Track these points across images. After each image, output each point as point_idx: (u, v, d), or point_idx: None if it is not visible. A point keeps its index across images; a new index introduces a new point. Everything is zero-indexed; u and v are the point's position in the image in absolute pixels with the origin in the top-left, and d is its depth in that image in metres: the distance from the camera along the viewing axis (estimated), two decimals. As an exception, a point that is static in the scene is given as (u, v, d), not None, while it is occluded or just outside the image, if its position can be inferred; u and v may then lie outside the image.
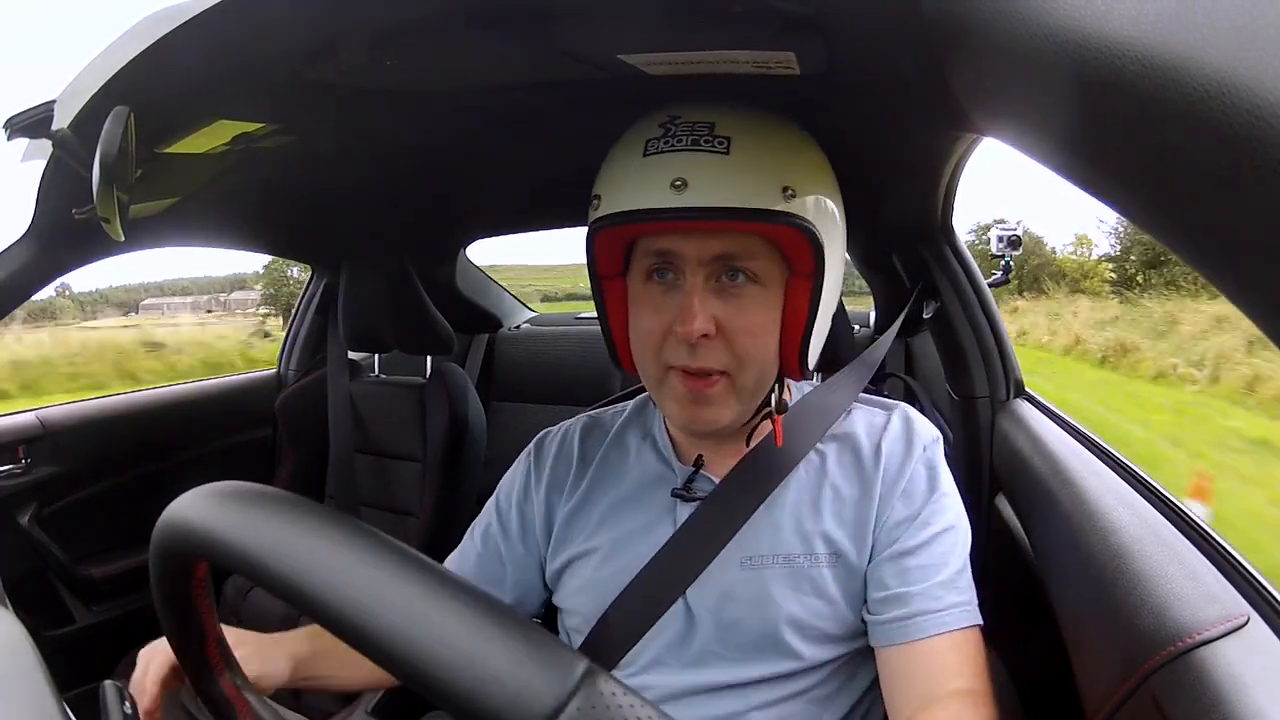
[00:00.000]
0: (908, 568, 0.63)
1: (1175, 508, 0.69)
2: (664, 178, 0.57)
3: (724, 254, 0.60)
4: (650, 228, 0.61)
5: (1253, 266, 0.21)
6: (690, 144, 0.58)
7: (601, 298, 0.68)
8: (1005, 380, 1.04)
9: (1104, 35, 0.23)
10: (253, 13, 0.52)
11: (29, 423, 1.37)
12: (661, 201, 0.57)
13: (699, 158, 0.57)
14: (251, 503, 0.33)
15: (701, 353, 0.61)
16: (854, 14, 0.49)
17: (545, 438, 0.80)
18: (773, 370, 0.64)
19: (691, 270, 0.60)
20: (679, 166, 0.57)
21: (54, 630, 1.37)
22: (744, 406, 0.64)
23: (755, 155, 0.58)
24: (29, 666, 0.51)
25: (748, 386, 0.63)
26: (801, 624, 0.64)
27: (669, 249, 0.61)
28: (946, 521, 0.65)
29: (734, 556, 0.66)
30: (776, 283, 0.62)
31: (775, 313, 0.62)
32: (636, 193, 0.59)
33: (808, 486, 0.68)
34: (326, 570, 0.30)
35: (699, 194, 0.56)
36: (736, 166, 0.57)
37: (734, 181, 0.57)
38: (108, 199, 0.61)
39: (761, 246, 0.61)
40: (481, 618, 0.28)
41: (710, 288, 0.61)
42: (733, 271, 0.61)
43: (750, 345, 0.61)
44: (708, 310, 0.60)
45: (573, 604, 0.72)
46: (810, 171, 0.61)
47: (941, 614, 0.61)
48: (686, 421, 0.65)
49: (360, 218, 1.42)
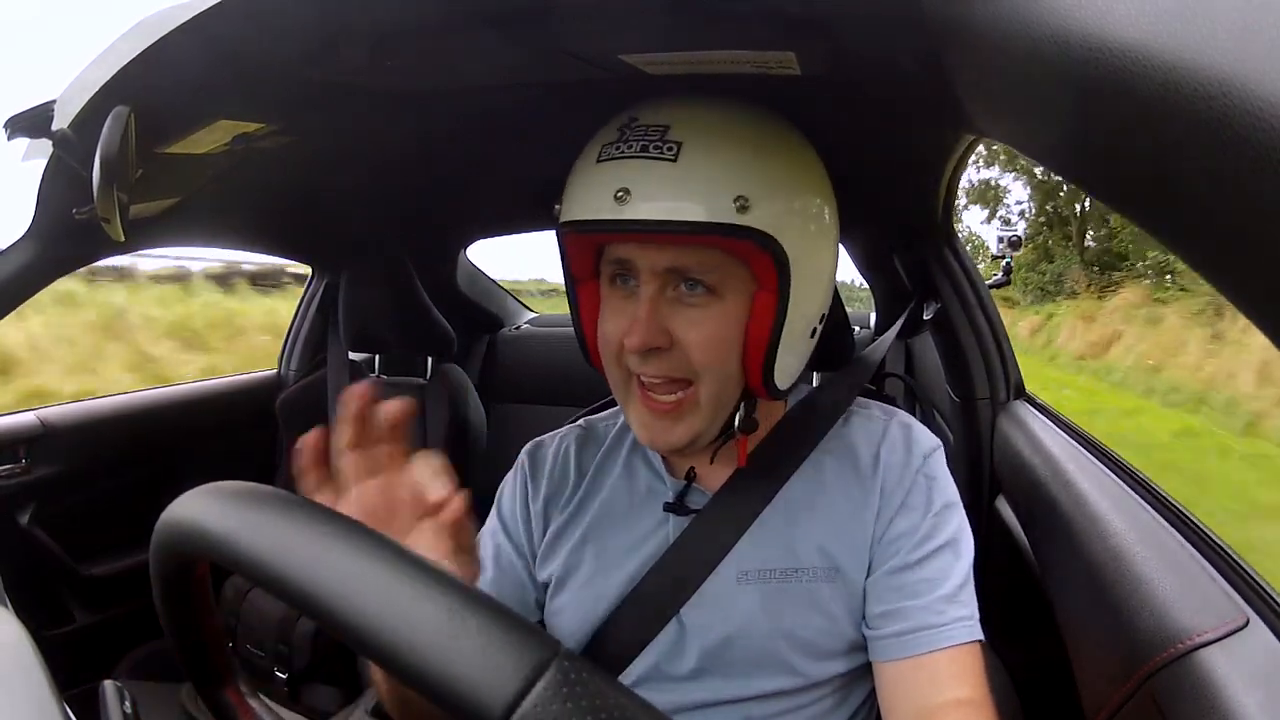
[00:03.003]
0: (907, 582, 0.61)
1: (1175, 510, 0.69)
2: (609, 188, 0.55)
3: (675, 267, 0.58)
4: (605, 236, 0.60)
5: (1253, 267, 0.21)
6: (639, 150, 0.56)
7: (575, 299, 0.67)
8: (1005, 382, 1.04)
9: (1104, 35, 0.23)
10: (253, 13, 0.52)
11: (29, 423, 1.37)
12: (604, 212, 0.56)
13: (645, 165, 0.55)
14: (251, 503, 0.33)
15: (654, 363, 0.59)
16: (855, 14, 0.49)
17: (538, 449, 0.77)
18: (734, 386, 0.61)
19: (645, 280, 0.58)
20: (625, 175, 0.55)
21: (54, 630, 1.37)
22: (708, 422, 0.61)
23: (705, 163, 0.55)
24: (29, 666, 0.51)
25: (710, 401, 0.60)
26: (801, 640, 0.63)
27: (625, 257, 0.59)
28: (947, 535, 0.63)
29: (729, 571, 0.64)
30: (740, 295, 0.59)
31: (736, 324, 0.59)
32: (585, 201, 0.58)
33: (804, 498, 0.66)
34: (327, 570, 0.30)
35: (642, 206, 0.54)
36: (684, 176, 0.54)
37: (679, 192, 0.54)
38: (108, 199, 0.61)
39: (720, 258, 0.58)
40: (451, 600, 0.28)
41: (666, 297, 0.59)
42: (690, 282, 0.58)
43: (705, 359, 0.59)
44: (659, 321, 0.58)
45: (562, 621, 0.69)
46: (775, 179, 0.57)
47: (943, 629, 0.60)
48: (648, 440, 0.62)
49: (361, 218, 1.42)
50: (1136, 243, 12.37)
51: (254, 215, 1.32)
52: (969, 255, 1.05)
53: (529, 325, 2.21)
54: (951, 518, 0.64)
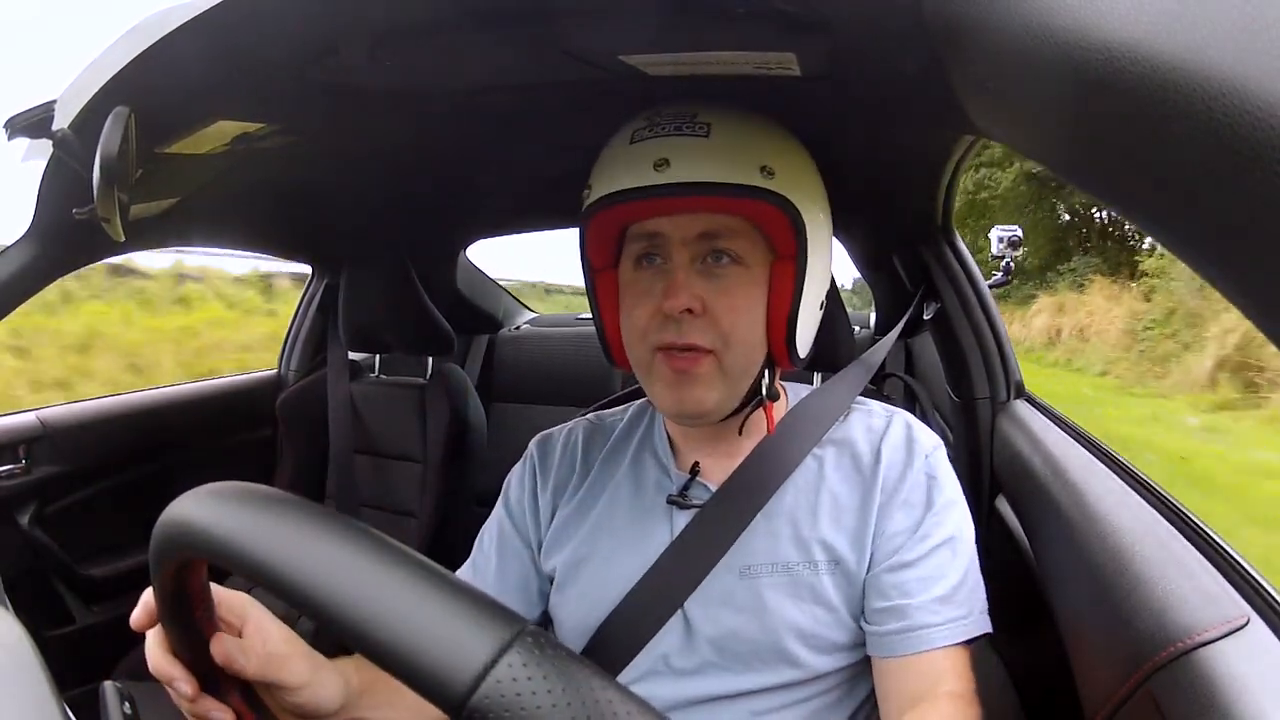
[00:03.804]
0: (906, 579, 0.62)
1: (1175, 509, 0.69)
2: (648, 159, 0.60)
3: (706, 232, 0.62)
4: (638, 209, 0.62)
5: (1253, 267, 0.21)
6: (673, 130, 0.61)
7: (594, 291, 0.70)
8: (1005, 381, 1.04)
9: (1104, 36, 0.23)
10: (254, 13, 0.52)
11: (29, 423, 1.37)
12: (647, 180, 0.60)
13: (681, 141, 0.60)
14: (250, 503, 0.33)
15: (686, 328, 0.62)
16: (855, 15, 0.49)
17: (547, 440, 0.78)
18: (759, 354, 0.65)
19: (677, 250, 0.62)
20: (663, 149, 0.60)
21: (54, 630, 1.37)
22: (730, 390, 0.64)
23: (734, 138, 0.61)
24: (29, 666, 0.51)
25: (734, 367, 0.63)
26: (805, 633, 0.63)
27: (655, 230, 0.63)
28: (947, 533, 0.64)
29: (732, 565, 0.65)
30: (761, 265, 0.64)
31: (760, 294, 0.64)
32: (623, 175, 0.62)
33: (805, 492, 0.67)
34: (326, 569, 0.30)
35: (681, 171, 0.59)
36: (716, 147, 0.60)
37: (714, 160, 0.59)
38: (108, 199, 0.61)
39: (744, 227, 0.62)
40: (419, 579, 0.29)
41: (695, 268, 0.63)
42: (716, 253, 0.63)
43: (735, 323, 0.62)
44: (692, 288, 0.61)
45: (566, 614, 0.70)
46: (789, 158, 0.63)
47: (939, 628, 0.61)
48: (673, 404, 0.64)
49: (361, 218, 1.42)
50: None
51: (254, 215, 1.32)
52: (969, 255, 1.06)
53: (529, 325, 2.21)
54: (952, 515, 0.65)
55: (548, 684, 0.26)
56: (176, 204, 1.02)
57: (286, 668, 0.49)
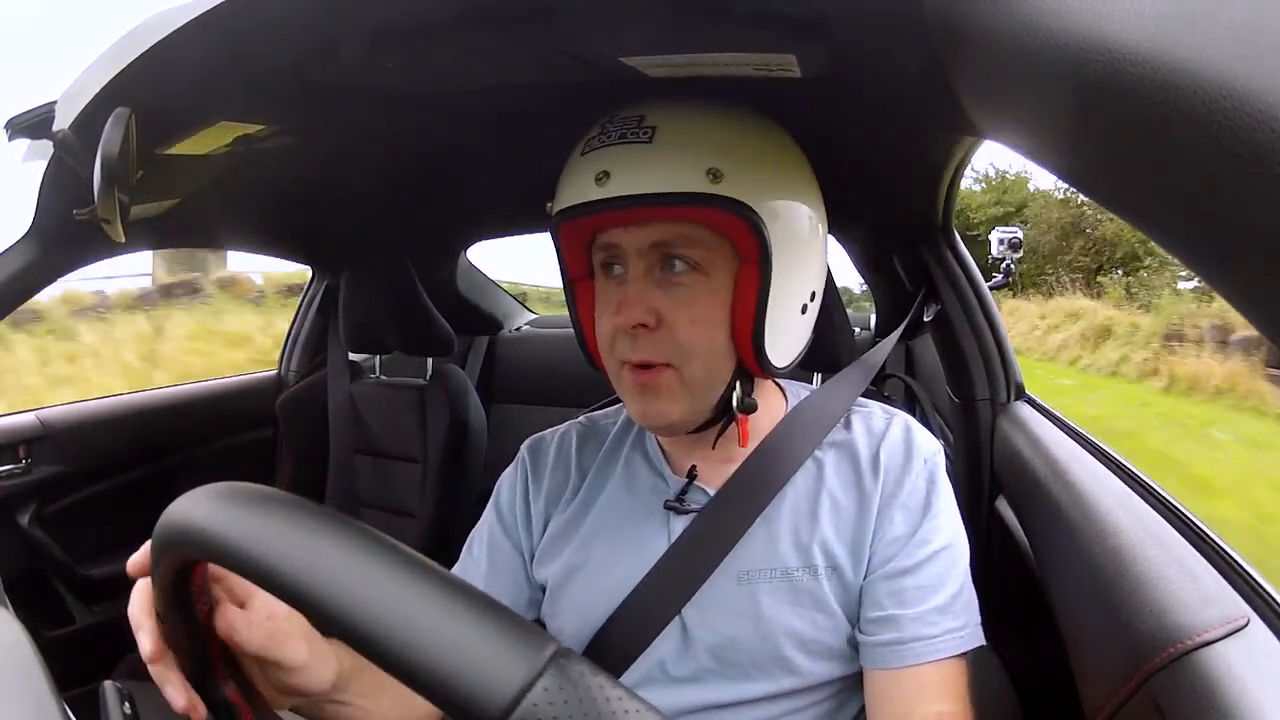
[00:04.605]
0: (903, 588, 0.62)
1: (1175, 510, 0.69)
2: (591, 172, 0.59)
3: (659, 241, 0.59)
4: (591, 222, 0.61)
5: (1253, 269, 0.21)
6: (618, 138, 0.59)
7: (573, 299, 0.69)
8: (1005, 382, 1.04)
9: (1105, 37, 0.23)
10: (255, 13, 0.52)
11: (29, 423, 1.37)
12: (588, 195, 0.58)
13: (623, 150, 0.58)
14: (251, 504, 0.33)
15: (641, 344, 0.60)
16: (856, 16, 0.49)
17: (539, 444, 0.77)
18: (725, 364, 0.62)
19: (632, 261, 0.60)
20: (604, 160, 0.58)
21: (54, 630, 1.37)
22: (695, 402, 0.62)
23: (679, 141, 0.58)
24: (29, 666, 0.51)
25: (695, 380, 0.61)
26: (804, 639, 0.62)
27: (612, 242, 0.61)
28: (944, 540, 0.63)
29: (730, 571, 0.64)
30: (723, 272, 0.60)
31: (721, 302, 0.60)
32: (570, 190, 0.61)
33: (805, 496, 0.66)
34: (326, 570, 0.30)
35: (620, 183, 0.57)
36: (659, 153, 0.57)
37: (655, 167, 0.57)
38: (109, 200, 0.61)
39: (702, 234, 0.59)
40: (453, 600, 0.28)
41: (652, 278, 0.60)
42: (673, 261, 0.60)
43: (692, 335, 0.60)
44: (646, 301, 0.59)
45: (562, 622, 0.69)
46: (743, 156, 0.59)
47: (933, 641, 0.60)
48: (639, 417, 0.64)
49: (361, 219, 1.42)
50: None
51: (255, 216, 1.32)
52: (969, 256, 1.05)
53: (529, 326, 2.21)
54: (949, 524, 0.64)
55: (583, 706, 0.25)
56: (177, 205, 1.02)
57: (288, 645, 0.48)
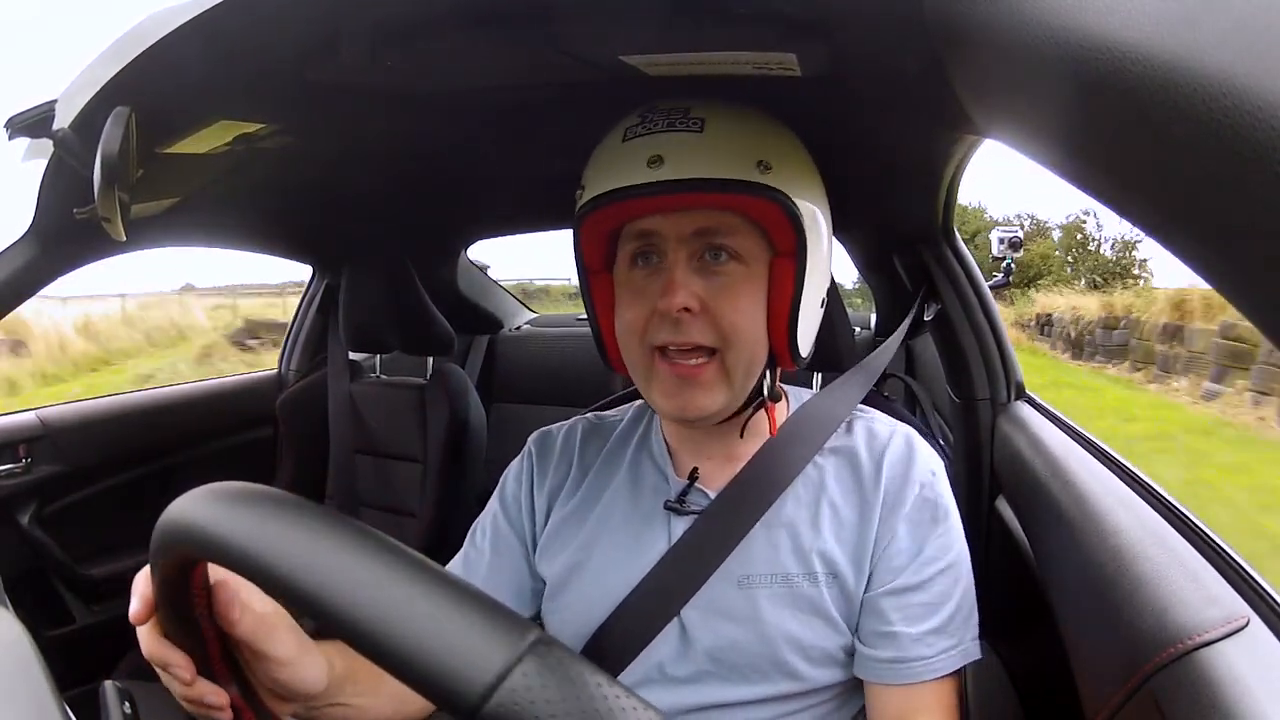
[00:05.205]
0: (905, 605, 0.62)
1: (1175, 510, 0.69)
2: (641, 156, 0.59)
3: (703, 229, 0.60)
4: (632, 208, 0.61)
5: (1253, 268, 0.21)
6: (666, 126, 0.59)
7: (589, 293, 0.68)
8: (1006, 382, 1.04)
9: (1105, 36, 0.23)
10: (255, 12, 0.52)
11: (30, 422, 1.37)
12: (639, 178, 0.58)
13: (675, 137, 0.59)
14: (254, 505, 0.33)
15: (685, 327, 0.60)
16: (856, 15, 0.49)
17: (546, 437, 0.78)
18: (762, 353, 0.63)
19: (673, 249, 0.61)
20: (656, 146, 0.59)
21: (54, 630, 1.37)
22: (734, 392, 0.63)
23: (728, 133, 0.59)
24: (29, 666, 0.51)
25: (738, 367, 0.62)
26: (803, 644, 0.63)
27: (650, 229, 0.61)
28: (951, 557, 0.64)
29: (730, 575, 0.64)
30: (760, 262, 0.62)
31: (760, 291, 0.62)
32: (616, 174, 0.60)
33: (806, 502, 0.66)
34: (325, 572, 0.30)
35: (674, 168, 0.58)
36: (710, 142, 0.58)
37: (708, 155, 0.58)
38: (109, 199, 0.61)
39: (742, 224, 0.61)
40: (435, 588, 0.28)
41: (693, 266, 0.61)
42: (714, 250, 0.61)
43: (736, 322, 0.60)
44: (690, 286, 0.60)
45: (561, 619, 0.69)
46: (786, 152, 0.62)
47: (931, 660, 0.61)
48: (675, 410, 0.62)
49: (361, 218, 1.42)
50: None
51: (255, 215, 1.32)
52: (970, 255, 1.05)
53: (529, 325, 2.21)
54: (954, 541, 0.65)
55: (561, 692, 0.26)
56: (177, 204, 1.02)
57: (275, 637, 0.48)
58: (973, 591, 0.65)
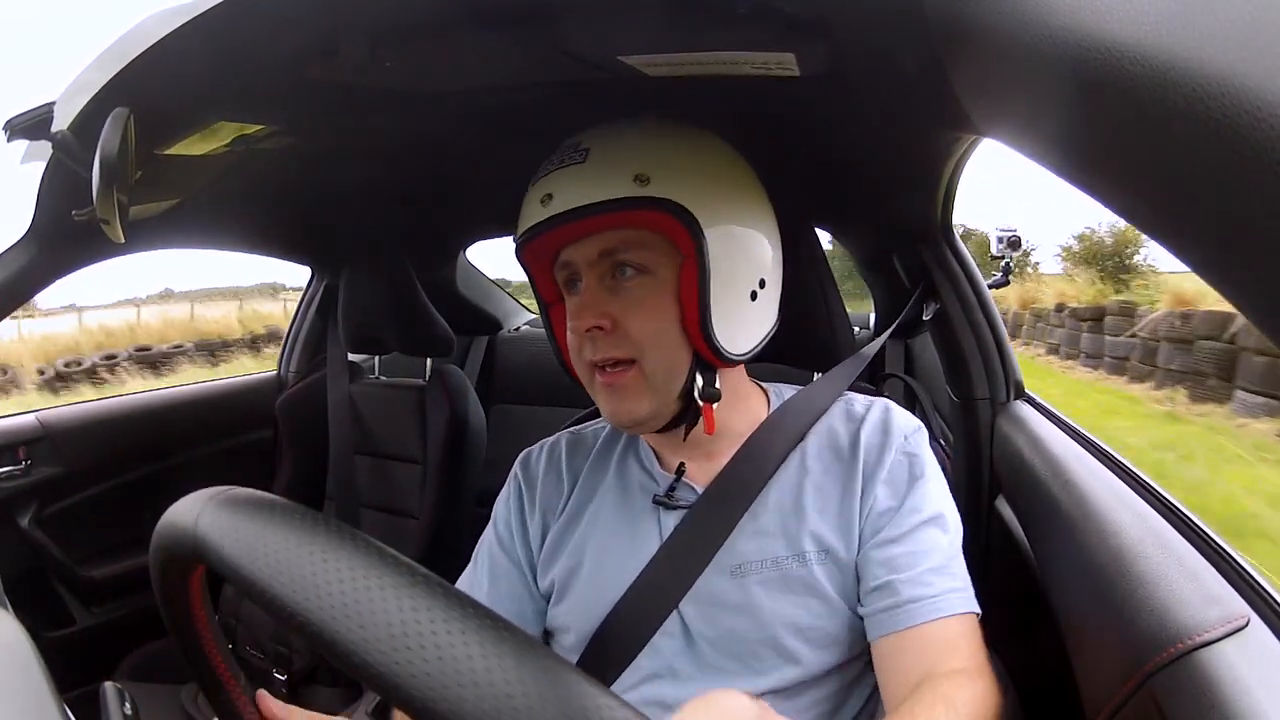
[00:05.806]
0: (895, 555, 0.63)
1: (1175, 510, 0.69)
2: (537, 197, 0.65)
3: (606, 250, 0.65)
4: (545, 243, 0.67)
5: (1253, 267, 0.21)
6: (558, 163, 0.65)
7: (549, 323, 0.74)
8: (1005, 382, 1.04)
9: (1104, 36, 0.23)
10: (254, 13, 0.52)
11: (29, 424, 1.37)
12: (536, 217, 0.64)
13: (563, 173, 0.64)
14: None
15: (601, 344, 0.65)
16: (856, 15, 0.49)
17: (529, 457, 0.80)
18: (682, 356, 0.65)
19: (585, 273, 0.66)
20: (548, 185, 0.64)
21: (54, 631, 1.37)
22: (660, 397, 0.66)
23: (607, 156, 0.63)
24: (29, 667, 0.51)
25: (657, 373, 0.65)
26: (800, 626, 0.63)
27: (568, 259, 0.67)
28: (933, 509, 0.65)
29: (723, 566, 0.66)
30: (667, 269, 0.65)
31: (670, 298, 0.64)
32: (525, 217, 0.67)
33: (790, 487, 0.68)
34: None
35: (561, 200, 0.63)
36: (592, 169, 0.63)
37: (591, 181, 0.62)
38: (108, 200, 0.61)
39: (643, 237, 0.64)
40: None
41: (605, 286, 0.65)
42: (621, 267, 0.65)
43: (646, 330, 0.64)
44: (599, 306, 0.64)
45: (564, 623, 0.71)
46: (669, 158, 0.64)
47: (935, 599, 0.61)
48: (612, 417, 0.68)
49: (360, 219, 1.42)
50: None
51: (254, 216, 1.32)
52: (969, 255, 1.05)
53: (528, 326, 2.21)
54: (935, 492, 0.66)
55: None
56: (176, 205, 1.02)
57: None
58: (961, 555, 0.65)
